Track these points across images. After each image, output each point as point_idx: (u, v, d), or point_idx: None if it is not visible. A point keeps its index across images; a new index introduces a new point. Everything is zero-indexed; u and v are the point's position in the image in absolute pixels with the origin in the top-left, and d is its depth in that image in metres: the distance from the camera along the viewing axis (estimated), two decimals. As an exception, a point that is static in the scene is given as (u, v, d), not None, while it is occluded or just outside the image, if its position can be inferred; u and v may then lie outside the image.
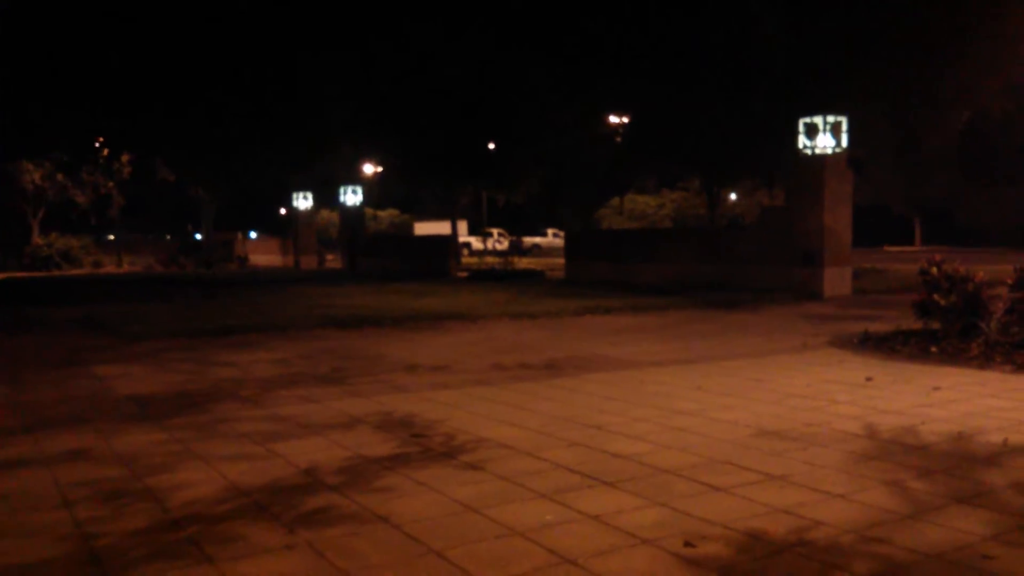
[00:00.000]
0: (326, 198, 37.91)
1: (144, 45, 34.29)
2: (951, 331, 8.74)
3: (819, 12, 19.47)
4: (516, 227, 56.58)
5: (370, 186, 40.78)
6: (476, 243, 50.98)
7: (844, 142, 16.01)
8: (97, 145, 40.34)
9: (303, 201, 36.23)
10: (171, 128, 37.30)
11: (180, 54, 34.68)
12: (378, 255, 31.00)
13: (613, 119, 32.44)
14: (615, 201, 52.93)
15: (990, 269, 10.71)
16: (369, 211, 53.02)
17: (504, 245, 30.32)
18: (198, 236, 50.27)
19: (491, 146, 33.54)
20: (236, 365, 8.35)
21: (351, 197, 32.99)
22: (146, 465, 4.64)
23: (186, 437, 5.29)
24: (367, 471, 4.45)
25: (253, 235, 55.32)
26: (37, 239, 37.16)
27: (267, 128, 35.32)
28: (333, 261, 37.41)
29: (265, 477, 4.36)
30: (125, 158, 40.84)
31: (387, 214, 66.01)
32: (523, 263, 27.85)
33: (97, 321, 12.77)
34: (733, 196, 52.57)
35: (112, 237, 46.53)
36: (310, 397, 6.60)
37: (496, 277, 23.52)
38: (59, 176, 39.62)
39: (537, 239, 55.46)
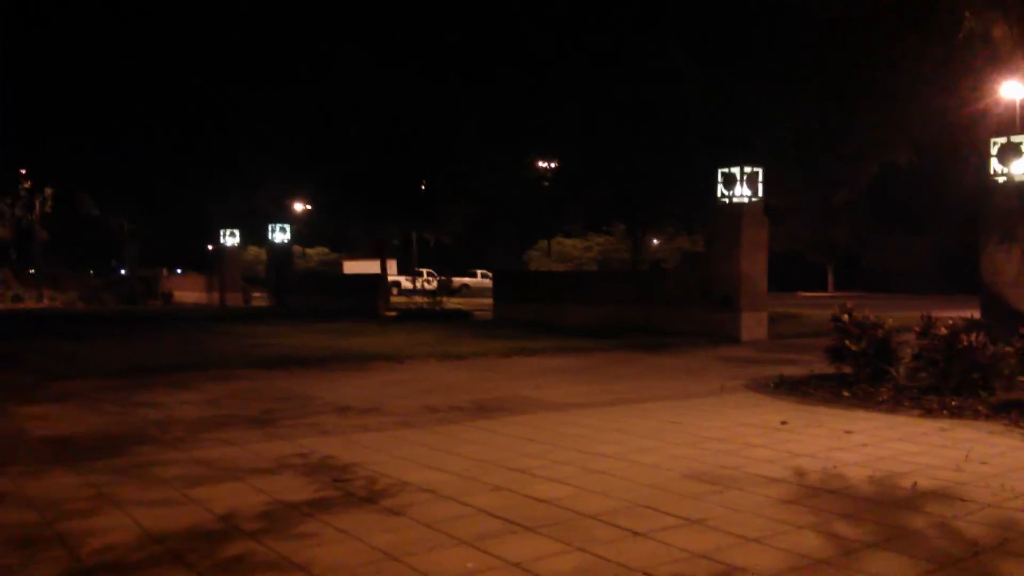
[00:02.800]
0: (254, 235, 37.47)
1: (66, 78, 33.65)
2: (862, 376, 9.08)
3: (738, 68, 20.24)
4: (446, 267, 56.58)
5: (299, 224, 40.42)
6: (406, 282, 50.79)
7: (760, 191, 16.59)
8: (20, 178, 39.20)
9: (230, 238, 35.69)
10: (95, 162, 36.52)
11: (104, 87, 34.10)
12: (306, 293, 30.67)
13: (542, 163, 32.95)
14: (543, 243, 53.47)
15: (898, 316, 11.15)
16: (298, 249, 52.44)
17: (433, 285, 30.38)
18: (122, 272, 49.00)
19: (421, 186, 33.69)
20: (162, 406, 8.19)
21: (279, 235, 32.63)
22: (60, 511, 4.53)
23: (104, 481, 5.17)
24: (287, 517, 4.43)
25: (179, 271, 54.15)
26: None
27: (193, 164, 34.85)
28: (259, 299, 36.83)
29: (184, 523, 4.31)
30: (48, 191, 39.76)
31: (316, 252, 65.38)
32: (452, 303, 27.83)
33: (15, 358, 12.34)
34: (656, 241, 53.57)
35: (33, 271, 45.04)
36: (236, 440, 6.52)
37: (425, 317, 23.49)
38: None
39: (466, 279, 55.51)
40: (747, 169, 16.45)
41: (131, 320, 23.61)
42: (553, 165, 32.88)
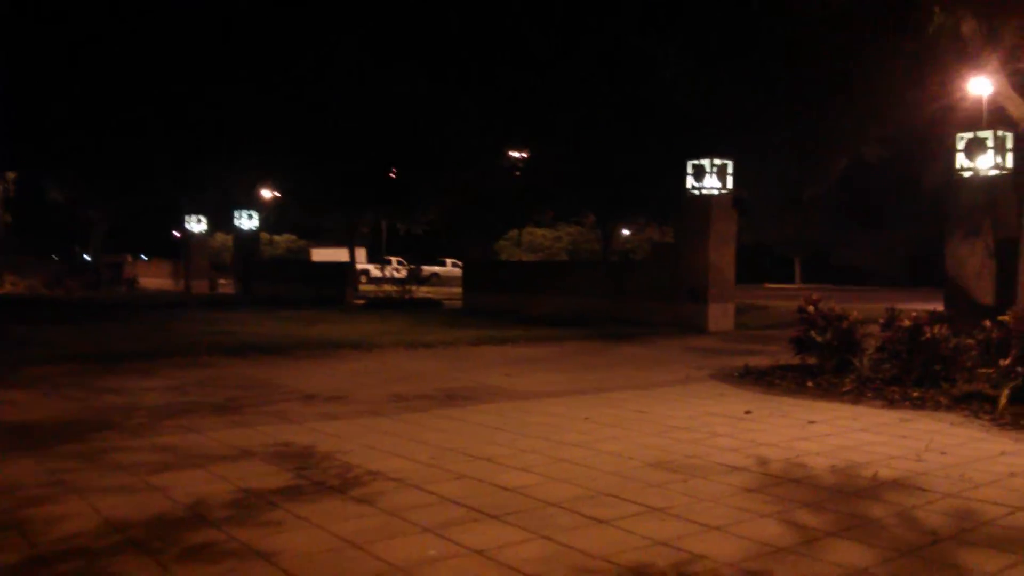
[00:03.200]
0: (221, 221, 37.04)
1: (32, 63, 32.99)
2: (826, 367, 9.19)
3: (710, 61, 20.34)
4: (416, 256, 56.40)
5: (267, 210, 40.08)
6: (375, 271, 50.55)
7: (729, 184, 16.70)
8: None
9: (196, 224, 35.30)
10: (61, 147, 35.91)
11: (71, 73, 33.49)
12: (273, 281, 30.41)
13: (514, 153, 32.93)
14: (513, 233, 53.47)
15: (863, 308, 11.29)
16: (265, 236, 52.04)
17: (403, 273, 30.24)
18: (87, 257, 48.32)
19: (392, 175, 33.51)
20: (125, 392, 8.09)
21: (247, 221, 32.32)
22: (21, 498, 4.46)
23: (65, 468, 5.10)
24: (251, 505, 4.40)
25: (144, 258, 53.53)
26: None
27: (161, 150, 34.38)
28: (226, 286, 36.50)
29: (146, 512, 4.26)
30: (11, 176, 39.04)
31: (284, 239, 64.87)
32: (422, 292, 27.75)
33: (-28, 345, 12.14)
34: (626, 232, 53.76)
35: (-5, 257, 44.28)
36: (200, 427, 6.45)
37: (394, 305, 23.39)
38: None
39: (436, 268, 55.37)
40: (717, 161, 16.55)
41: (95, 306, 23.29)
42: (525, 155, 32.86)
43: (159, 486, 4.74)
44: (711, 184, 16.55)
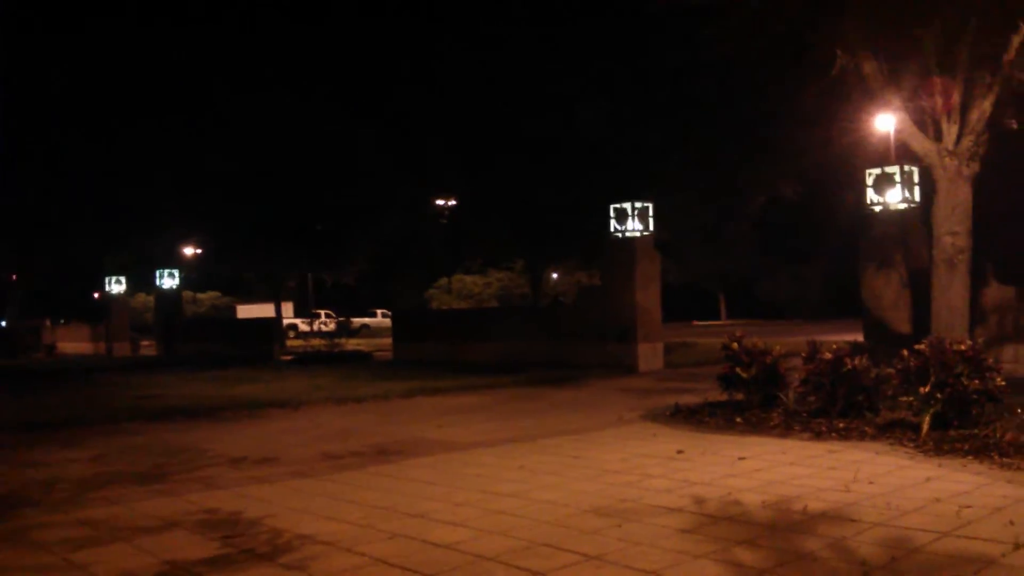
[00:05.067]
0: (142, 281, 36.23)
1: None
2: (754, 402, 9.33)
3: (628, 106, 20.81)
4: (345, 308, 55.86)
5: (190, 268, 39.26)
6: (303, 325, 49.86)
7: (651, 226, 17.00)
8: None
9: (116, 285, 34.40)
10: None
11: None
12: (198, 340, 29.76)
13: (440, 201, 33.04)
14: (443, 281, 53.41)
15: (787, 342, 11.50)
16: (188, 294, 50.98)
17: (331, 326, 29.94)
18: (2, 323, 46.57)
19: (317, 227, 33.26)
20: (46, 465, 7.78)
21: (168, 280, 31.63)
22: (-76, 588, 4.23)
23: (-25, 552, 4.86)
24: (177, 578, 4.24)
25: (62, 321, 51.83)
26: None
27: (76, 212, 33.53)
28: (149, 347, 35.57)
29: (62, 592, 4.07)
30: None
31: (208, 296, 63.56)
32: (351, 344, 27.47)
33: None
34: (555, 275, 54.18)
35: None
36: (124, 498, 6.22)
37: (323, 360, 23.06)
38: None
39: (366, 320, 54.90)
40: (638, 204, 16.83)
41: (12, 375, 22.45)
42: (452, 203, 32.99)
43: (81, 563, 4.55)
44: (633, 227, 16.81)
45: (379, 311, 55.71)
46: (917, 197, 13.69)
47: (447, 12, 24.88)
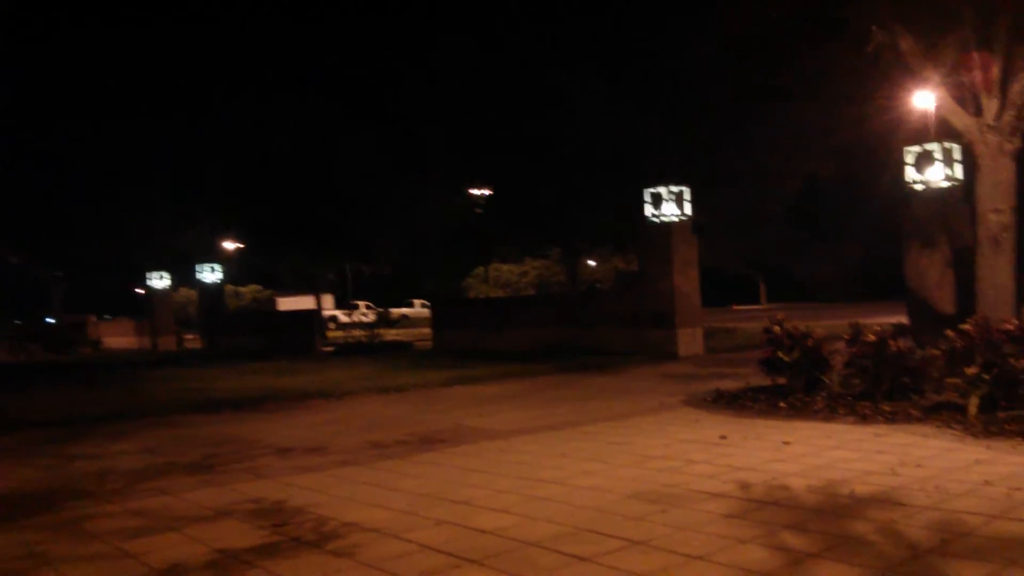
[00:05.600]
0: (184, 275, 36.72)
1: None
2: (797, 386, 9.24)
3: (659, 93, 20.65)
4: (384, 298, 56.24)
5: (231, 262, 39.76)
6: (343, 316, 50.28)
7: (688, 209, 16.87)
8: None
9: (159, 280, 34.94)
10: (15, 210, 35.50)
11: (22, 132, 33.22)
12: (240, 333, 30.14)
13: (475, 191, 33.10)
14: (480, 270, 53.53)
15: (829, 324, 11.42)
16: (230, 287, 51.58)
17: (371, 317, 30.16)
18: (48, 320, 47.54)
19: (354, 219, 33.47)
20: (97, 457, 7.95)
21: (210, 275, 32.07)
22: (-14, 577, 4.36)
23: (36, 539, 5.00)
24: (228, 567, 4.32)
25: (107, 317, 52.79)
26: None
27: (118, 208, 34.08)
28: (192, 341, 36.10)
29: (118, 581, 4.17)
30: None
31: (249, 290, 64.38)
32: (391, 335, 27.67)
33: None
34: (591, 262, 54.03)
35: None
36: (174, 489, 6.34)
37: (363, 350, 23.26)
38: None
39: (405, 310, 55.23)
40: (673, 188, 16.71)
41: (60, 370, 22.93)
42: (486, 192, 33.02)
43: (133, 552, 4.64)
44: (670, 211, 16.71)
45: (417, 301, 55.97)
46: (959, 174, 13.46)
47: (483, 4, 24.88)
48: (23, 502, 6.11)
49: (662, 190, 16.70)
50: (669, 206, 16.68)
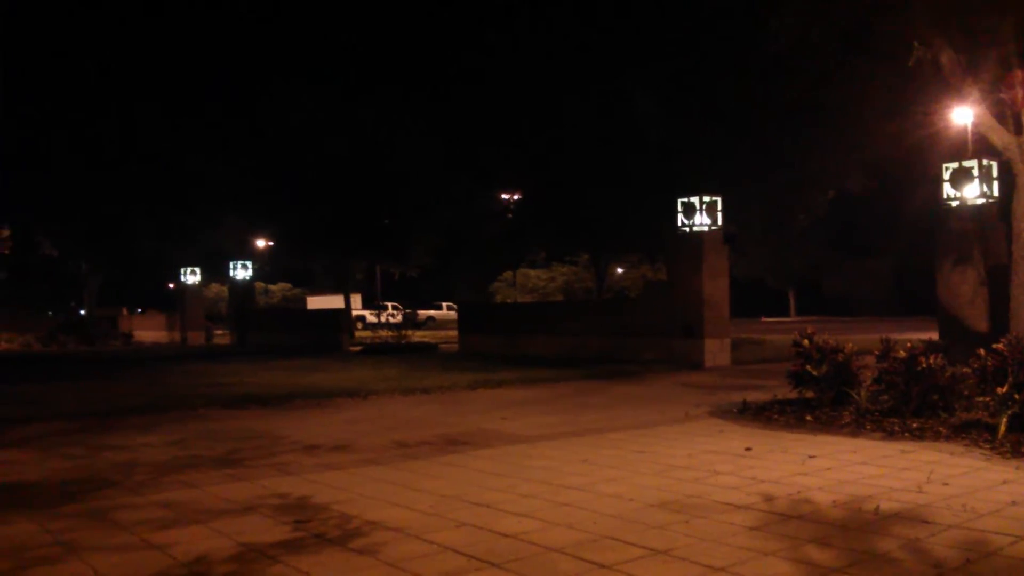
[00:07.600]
0: (215, 271, 37.13)
1: (19, 118, 33.17)
2: (824, 400, 9.18)
3: (693, 100, 20.59)
4: (411, 300, 56.48)
5: (261, 260, 40.15)
6: (370, 316, 50.57)
7: (719, 220, 16.82)
8: None
9: (191, 276, 35.36)
10: (52, 202, 36.06)
11: (56, 124, 33.71)
12: (269, 330, 30.43)
13: (504, 195, 33.15)
14: (508, 275, 53.57)
15: (858, 339, 11.31)
16: (260, 285, 52.08)
17: (398, 318, 30.35)
18: (82, 312, 48.24)
19: (384, 219, 33.64)
20: (125, 449, 8.05)
21: (241, 272, 32.41)
22: (17, 561, 4.43)
23: (64, 528, 5.07)
24: (252, 561, 4.37)
25: (139, 310, 53.46)
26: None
27: (152, 204, 34.50)
28: (222, 336, 36.47)
29: (146, 571, 4.23)
30: (5, 232, 39.19)
31: (279, 288, 64.93)
32: (417, 336, 27.82)
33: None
34: (620, 270, 53.90)
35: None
36: (201, 482, 6.42)
37: (390, 351, 23.40)
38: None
39: (432, 312, 55.47)
40: (706, 198, 16.68)
41: (91, 361, 23.25)
42: (516, 197, 33.06)
43: (159, 544, 4.71)
44: (701, 221, 16.67)
45: (444, 304, 56.15)
46: (996, 192, 13.31)
47: (506, 7, 24.91)
48: (52, 491, 6.21)
49: (695, 200, 16.67)
50: (701, 216, 16.65)
